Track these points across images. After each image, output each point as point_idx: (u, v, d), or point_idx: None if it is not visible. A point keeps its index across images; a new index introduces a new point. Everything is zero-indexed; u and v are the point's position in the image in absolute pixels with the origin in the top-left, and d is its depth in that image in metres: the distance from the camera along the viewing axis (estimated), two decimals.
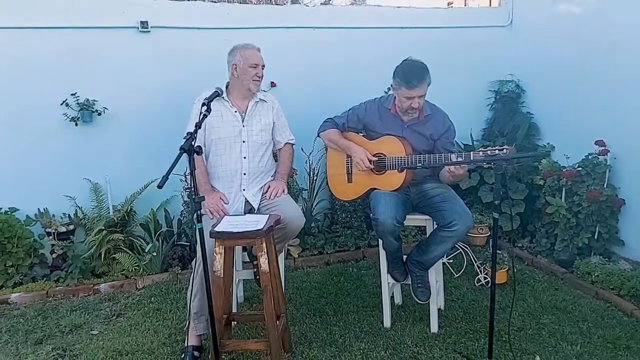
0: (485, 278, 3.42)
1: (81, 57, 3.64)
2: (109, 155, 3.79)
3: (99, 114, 3.69)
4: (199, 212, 2.15)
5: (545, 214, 3.78)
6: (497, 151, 2.25)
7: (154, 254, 3.55)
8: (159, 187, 1.92)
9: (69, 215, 3.73)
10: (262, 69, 2.83)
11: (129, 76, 3.74)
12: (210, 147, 2.83)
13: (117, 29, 3.71)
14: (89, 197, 3.77)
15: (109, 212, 3.75)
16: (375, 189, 2.79)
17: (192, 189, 2.13)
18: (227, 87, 2.87)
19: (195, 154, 2.15)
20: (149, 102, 3.79)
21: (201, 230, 2.17)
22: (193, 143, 2.15)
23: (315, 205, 4.17)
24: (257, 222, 2.38)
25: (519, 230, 4.12)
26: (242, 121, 2.83)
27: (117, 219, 3.64)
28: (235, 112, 2.83)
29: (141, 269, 3.60)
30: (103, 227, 3.52)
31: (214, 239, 2.30)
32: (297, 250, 3.91)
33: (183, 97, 3.10)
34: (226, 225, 2.35)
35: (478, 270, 3.47)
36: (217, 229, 2.32)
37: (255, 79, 2.79)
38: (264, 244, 2.29)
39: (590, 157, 3.62)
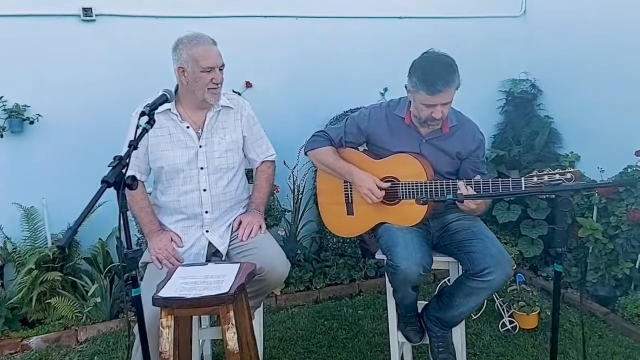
0: (511, 322, 2.79)
1: (8, 52, 2.96)
2: (45, 173, 3.08)
3: (32, 122, 3.00)
4: (134, 272, 1.49)
5: (575, 237, 3.19)
6: (557, 176, 1.61)
7: (98, 299, 2.83)
8: (60, 247, 1.24)
9: None
10: (221, 70, 2.07)
11: (68, 75, 3.06)
12: (158, 176, 2.14)
13: (53, 17, 3.03)
14: (20, 226, 3.04)
15: (46, 244, 3.03)
16: (384, 222, 2.13)
17: (124, 240, 1.46)
18: (175, 92, 2.11)
19: (127, 188, 1.47)
20: (93, 107, 3.10)
21: (138, 297, 1.50)
22: (124, 171, 1.47)
23: (301, 229, 3.51)
24: (222, 277, 1.70)
25: (541, 257, 3.51)
26: (199, 139, 2.10)
27: (53, 254, 2.91)
28: (188, 127, 2.09)
29: (84, 316, 2.88)
30: (34, 266, 2.79)
31: (159, 308, 1.62)
32: (280, 286, 3.23)
33: (135, 99, 2.40)
34: (178, 285, 1.67)
35: (502, 312, 2.84)
36: (164, 292, 1.63)
37: (211, 87, 2.03)
38: (231, 313, 1.61)
39: (629, 170, 3.03)
